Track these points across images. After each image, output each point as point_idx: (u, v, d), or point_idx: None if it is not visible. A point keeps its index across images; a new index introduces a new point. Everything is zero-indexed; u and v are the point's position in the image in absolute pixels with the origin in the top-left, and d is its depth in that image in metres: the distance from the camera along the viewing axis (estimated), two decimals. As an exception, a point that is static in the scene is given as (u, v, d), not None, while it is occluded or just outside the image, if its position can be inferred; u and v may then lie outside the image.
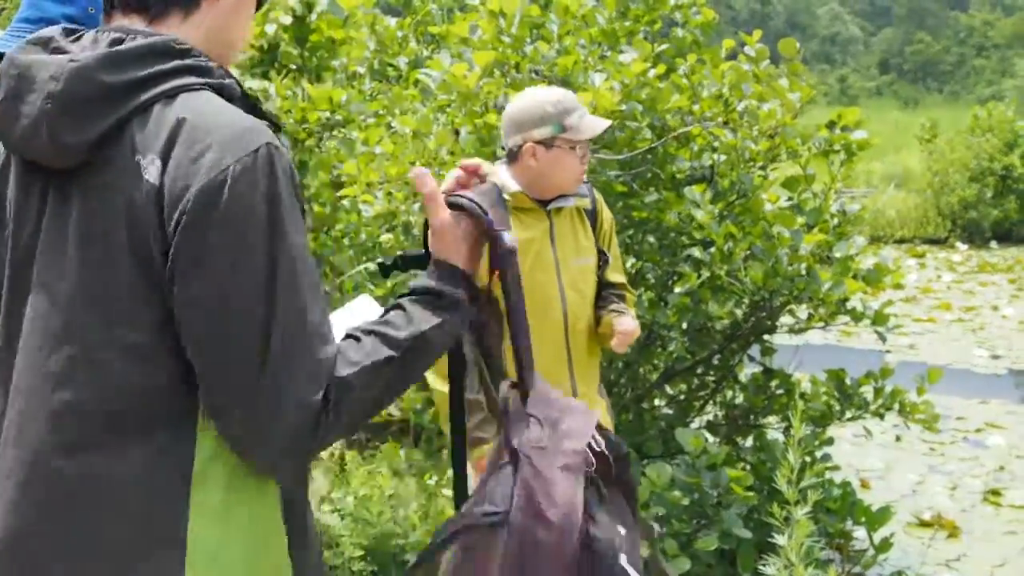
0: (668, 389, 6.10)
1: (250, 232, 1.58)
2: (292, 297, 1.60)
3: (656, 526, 4.52)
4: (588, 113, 3.61)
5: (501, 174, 3.55)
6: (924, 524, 6.73)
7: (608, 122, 3.61)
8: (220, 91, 1.70)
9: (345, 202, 5.78)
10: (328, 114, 6.33)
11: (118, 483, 1.61)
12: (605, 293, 3.83)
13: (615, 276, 3.89)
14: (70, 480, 1.62)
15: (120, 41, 1.66)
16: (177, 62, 1.66)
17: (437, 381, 3.54)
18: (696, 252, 5.05)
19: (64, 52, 1.65)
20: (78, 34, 1.70)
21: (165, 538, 1.63)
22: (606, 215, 3.92)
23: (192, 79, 1.67)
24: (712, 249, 5.08)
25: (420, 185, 1.91)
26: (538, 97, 3.60)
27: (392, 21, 7.13)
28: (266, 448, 1.62)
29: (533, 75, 5.28)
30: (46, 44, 1.67)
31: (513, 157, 3.62)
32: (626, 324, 3.69)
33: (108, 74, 1.61)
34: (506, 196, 3.51)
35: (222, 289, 1.57)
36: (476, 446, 3.44)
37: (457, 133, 5.14)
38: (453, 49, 5.59)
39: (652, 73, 5.03)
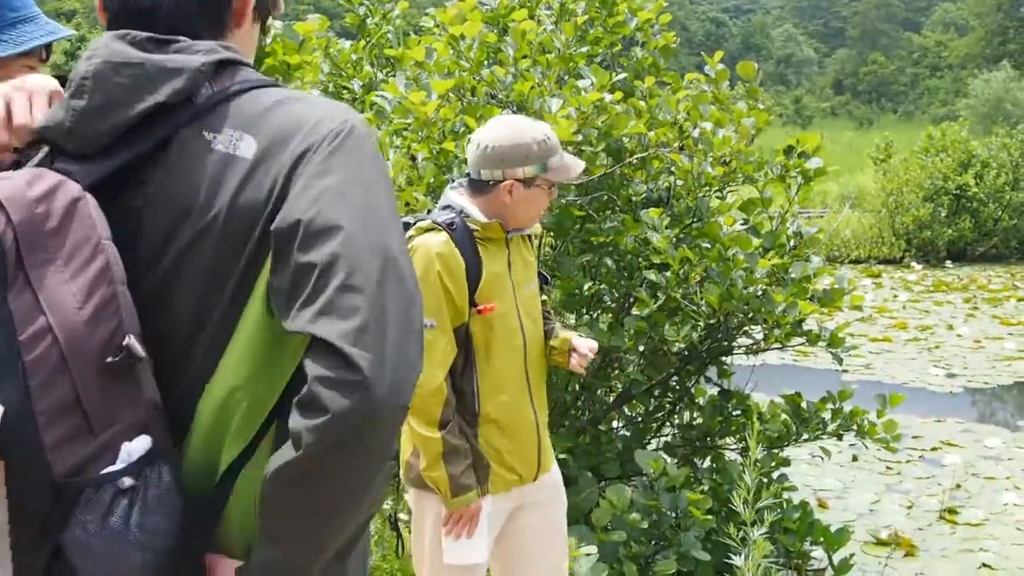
0: (625, 411, 6.11)
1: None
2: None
3: None
4: (565, 151, 3.53)
5: (459, 200, 3.50)
6: (881, 543, 6.77)
7: (583, 164, 3.55)
8: None
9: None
10: (284, 138, 6.31)
11: None
12: (544, 314, 3.78)
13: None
14: None
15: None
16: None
17: (422, 427, 3.33)
18: (652, 276, 5.07)
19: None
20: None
21: None
22: (536, 231, 3.85)
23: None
24: (668, 273, 5.09)
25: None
26: (524, 134, 3.43)
27: (346, 44, 7.11)
28: None
29: (490, 100, 5.29)
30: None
31: (483, 188, 3.47)
32: (589, 342, 3.67)
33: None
34: (473, 226, 3.47)
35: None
36: (461, 493, 3.34)
37: (414, 159, 5.14)
38: (409, 72, 5.59)
39: (609, 99, 5.05)
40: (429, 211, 3.69)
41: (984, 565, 6.45)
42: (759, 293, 5.17)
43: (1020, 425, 9.81)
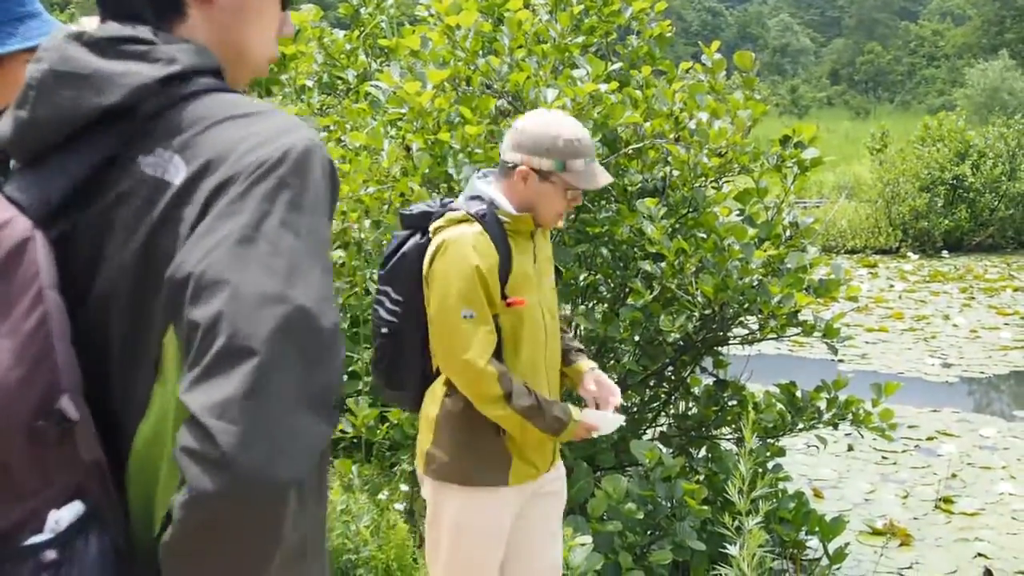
0: (621, 401, 6.10)
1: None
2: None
3: None
4: (596, 161, 3.49)
5: (488, 191, 3.47)
6: (877, 532, 6.78)
7: (610, 178, 3.55)
8: None
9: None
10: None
11: None
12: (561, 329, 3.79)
13: None
14: None
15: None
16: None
17: (490, 408, 3.38)
18: (647, 266, 5.06)
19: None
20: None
21: None
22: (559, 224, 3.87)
23: None
24: (663, 263, 5.09)
25: None
26: (554, 127, 3.42)
27: (340, 34, 7.10)
28: None
29: (485, 90, 5.28)
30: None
31: (505, 171, 3.46)
32: (612, 389, 3.76)
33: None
34: (504, 218, 3.45)
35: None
36: (563, 429, 3.44)
37: (408, 149, 5.13)
38: (404, 62, 5.57)
39: (604, 88, 5.04)
40: (443, 201, 3.64)
41: (979, 555, 6.46)
42: (755, 283, 5.16)
43: (1016, 415, 9.83)
